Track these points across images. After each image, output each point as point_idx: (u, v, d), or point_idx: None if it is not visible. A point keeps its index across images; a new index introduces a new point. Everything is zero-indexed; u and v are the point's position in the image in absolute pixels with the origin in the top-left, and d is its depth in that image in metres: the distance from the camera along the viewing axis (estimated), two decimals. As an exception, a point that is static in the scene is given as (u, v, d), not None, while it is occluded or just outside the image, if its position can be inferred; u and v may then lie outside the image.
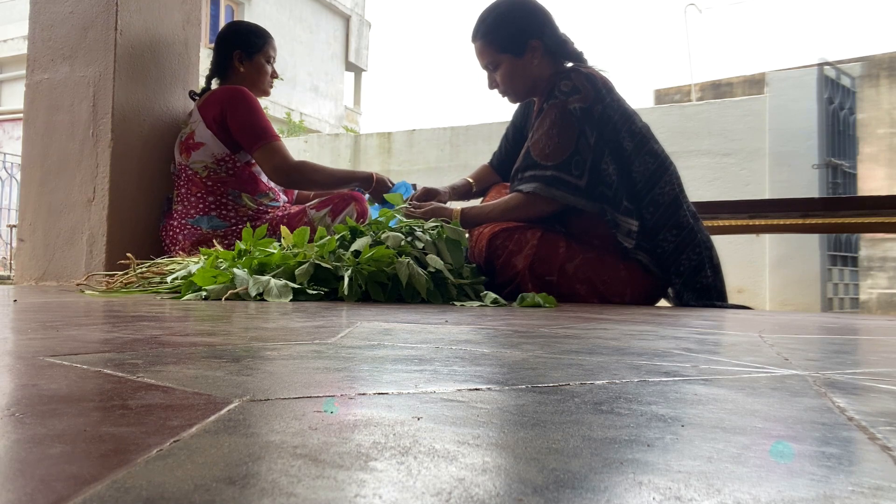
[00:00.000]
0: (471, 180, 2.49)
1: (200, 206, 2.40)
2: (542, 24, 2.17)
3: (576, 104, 2.07)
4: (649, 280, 2.12)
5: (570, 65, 2.21)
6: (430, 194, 2.32)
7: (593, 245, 2.09)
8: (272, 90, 2.66)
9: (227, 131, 2.39)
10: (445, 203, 2.31)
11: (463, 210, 2.15)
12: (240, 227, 2.35)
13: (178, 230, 2.42)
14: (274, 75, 2.63)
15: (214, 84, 2.57)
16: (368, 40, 18.95)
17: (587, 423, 0.41)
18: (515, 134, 2.47)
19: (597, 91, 2.09)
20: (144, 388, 0.48)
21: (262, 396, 0.46)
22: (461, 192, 2.45)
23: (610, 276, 2.08)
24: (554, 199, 2.06)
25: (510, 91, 2.25)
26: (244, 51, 2.53)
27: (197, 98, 2.55)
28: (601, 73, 2.18)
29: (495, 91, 2.28)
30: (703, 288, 2.09)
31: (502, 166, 2.48)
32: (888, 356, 0.88)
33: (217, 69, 2.56)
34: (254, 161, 2.46)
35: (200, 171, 2.40)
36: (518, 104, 2.44)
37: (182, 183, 2.45)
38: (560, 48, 2.19)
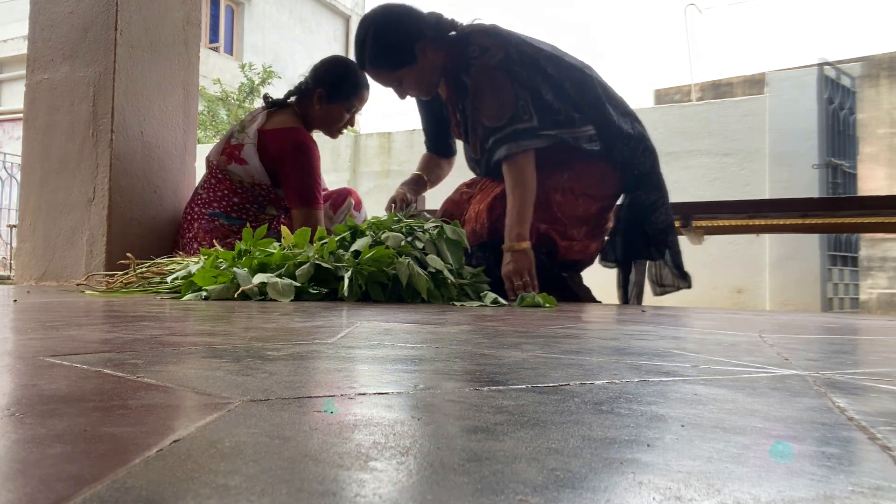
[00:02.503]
0: (419, 173, 2.55)
1: (224, 202, 2.40)
2: (416, 24, 2.20)
3: (493, 59, 2.13)
4: (614, 174, 2.26)
5: (454, 33, 2.25)
6: (406, 203, 2.40)
7: (568, 168, 2.21)
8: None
9: (276, 170, 2.36)
10: (414, 203, 2.41)
11: (512, 238, 2.07)
12: (256, 226, 2.34)
13: (194, 217, 2.42)
14: (350, 123, 2.55)
15: (292, 100, 2.50)
16: (368, 40, 18.93)
17: (587, 423, 0.41)
18: (434, 113, 2.50)
19: (500, 38, 2.18)
20: (144, 388, 0.48)
21: (262, 396, 0.46)
22: (417, 187, 2.51)
23: (589, 180, 2.21)
24: (528, 150, 2.11)
25: (423, 92, 2.31)
26: (328, 92, 2.45)
27: (268, 104, 2.49)
28: (482, 23, 2.27)
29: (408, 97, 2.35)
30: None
31: (438, 147, 2.57)
32: (888, 356, 0.88)
33: (299, 91, 2.50)
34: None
35: (234, 181, 2.39)
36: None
37: (213, 175, 2.43)
38: (439, 31, 2.22)
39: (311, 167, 2.35)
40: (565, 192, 2.20)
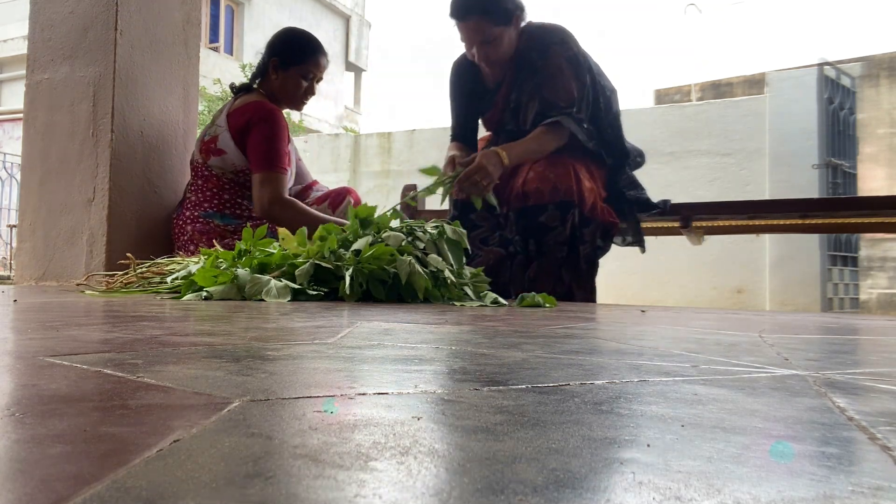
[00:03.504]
0: (458, 153, 2.61)
1: (215, 201, 2.40)
2: None
3: (571, 52, 2.35)
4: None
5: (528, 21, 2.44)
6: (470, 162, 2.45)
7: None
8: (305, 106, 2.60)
9: (247, 144, 2.37)
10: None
11: (507, 153, 2.26)
12: (252, 224, 2.35)
13: (187, 221, 2.42)
14: (310, 92, 2.53)
15: (256, 84, 2.52)
16: (368, 40, 18.96)
17: (587, 423, 0.41)
18: (472, 100, 2.58)
19: (573, 38, 2.40)
20: (144, 388, 0.48)
21: (262, 396, 0.46)
22: (464, 153, 2.61)
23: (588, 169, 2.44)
24: (567, 131, 2.31)
25: (500, 60, 2.42)
26: (281, 60, 2.46)
27: (234, 91, 2.52)
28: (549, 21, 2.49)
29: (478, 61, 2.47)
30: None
31: (467, 135, 2.63)
32: (888, 356, 0.88)
33: (259, 70, 2.52)
34: None
35: (219, 175, 2.40)
36: (455, 71, 2.59)
37: (198, 175, 2.44)
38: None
39: (274, 133, 2.35)
40: (595, 161, 2.41)
